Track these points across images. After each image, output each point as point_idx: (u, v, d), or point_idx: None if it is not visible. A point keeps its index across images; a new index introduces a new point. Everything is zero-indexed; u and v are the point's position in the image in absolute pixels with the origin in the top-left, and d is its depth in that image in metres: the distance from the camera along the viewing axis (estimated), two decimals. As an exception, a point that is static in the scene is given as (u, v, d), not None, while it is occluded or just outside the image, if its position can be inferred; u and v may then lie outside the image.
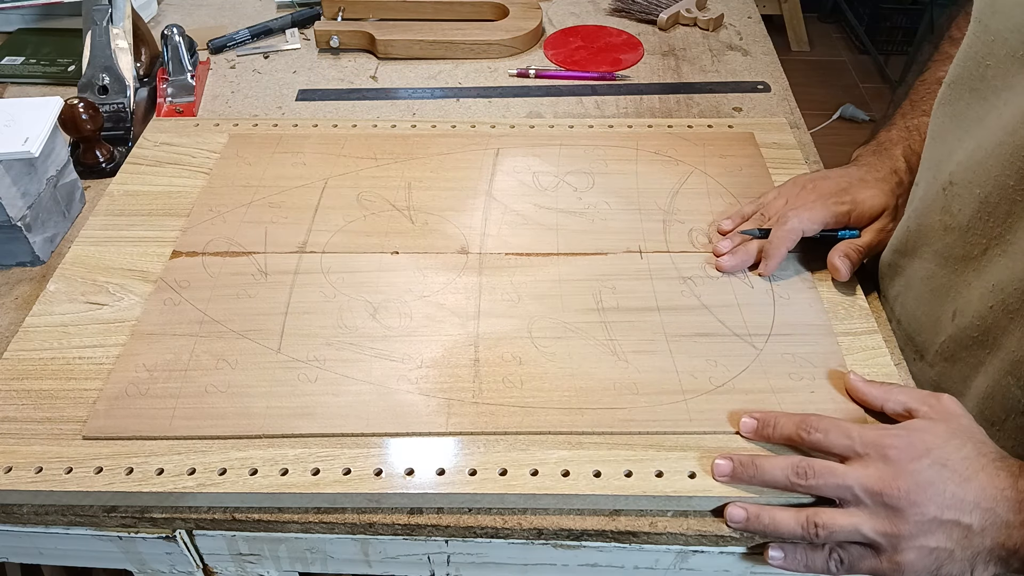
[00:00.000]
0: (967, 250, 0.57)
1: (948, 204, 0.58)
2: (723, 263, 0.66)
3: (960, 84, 0.57)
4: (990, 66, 0.53)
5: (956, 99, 0.57)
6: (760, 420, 0.54)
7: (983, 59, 0.54)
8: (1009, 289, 0.52)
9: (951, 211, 0.57)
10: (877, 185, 0.67)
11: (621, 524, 0.52)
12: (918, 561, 0.48)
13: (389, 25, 1.03)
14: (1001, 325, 0.54)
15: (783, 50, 2.61)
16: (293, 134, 0.82)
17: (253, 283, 0.66)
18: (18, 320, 0.64)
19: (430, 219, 0.72)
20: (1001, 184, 0.52)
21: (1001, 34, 0.52)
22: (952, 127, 0.58)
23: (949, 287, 0.59)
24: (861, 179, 0.68)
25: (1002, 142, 0.51)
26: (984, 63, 0.54)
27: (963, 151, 0.56)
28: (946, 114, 0.59)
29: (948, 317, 0.59)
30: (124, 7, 0.90)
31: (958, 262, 0.58)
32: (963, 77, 0.56)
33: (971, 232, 0.56)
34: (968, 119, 0.56)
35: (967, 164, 0.55)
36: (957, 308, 0.58)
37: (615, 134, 0.83)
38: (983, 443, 0.50)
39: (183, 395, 0.57)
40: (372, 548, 0.57)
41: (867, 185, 0.67)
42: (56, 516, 0.54)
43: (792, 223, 0.65)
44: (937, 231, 0.59)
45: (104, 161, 0.81)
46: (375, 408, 0.56)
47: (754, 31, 1.06)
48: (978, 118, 0.55)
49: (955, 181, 0.57)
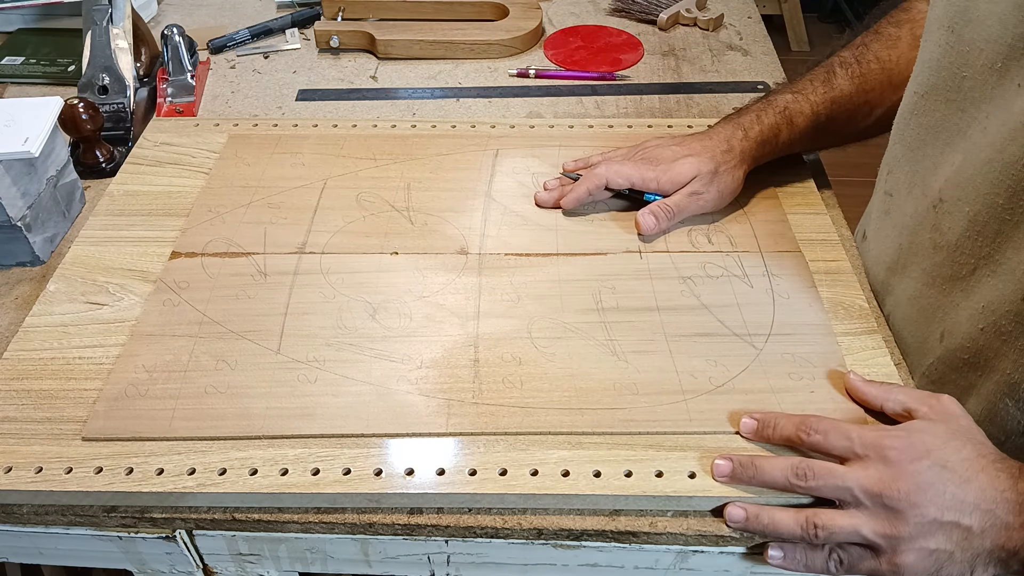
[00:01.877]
0: (955, 270, 0.56)
1: (938, 222, 0.57)
2: (538, 197, 0.73)
3: (934, 95, 0.56)
4: (967, 77, 0.53)
5: (930, 110, 0.57)
6: (760, 421, 0.54)
7: (958, 70, 0.53)
8: (1001, 311, 0.51)
9: (941, 229, 0.57)
10: (699, 153, 0.69)
11: (621, 524, 0.52)
12: (918, 562, 0.48)
13: (389, 25, 1.03)
14: (993, 347, 0.53)
15: (783, 50, 2.60)
16: (293, 134, 0.82)
17: (252, 284, 0.66)
18: (18, 320, 0.64)
19: (429, 220, 0.72)
20: (990, 202, 0.51)
21: (976, 44, 0.51)
22: (931, 139, 0.57)
23: (937, 307, 0.58)
24: (687, 149, 0.70)
25: (990, 159, 0.51)
26: (960, 74, 0.53)
27: (949, 166, 0.55)
28: (921, 125, 0.58)
29: (936, 338, 0.58)
30: (124, 7, 0.90)
31: (946, 282, 0.57)
32: (937, 87, 0.56)
33: (960, 251, 0.55)
34: (948, 131, 0.55)
35: (956, 181, 0.54)
36: (945, 329, 0.57)
37: (615, 134, 0.83)
38: (983, 444, 0.50)
39: (183, 396, 0.57)
40: (372, 548, 0.57)
41: (688, 153, 0.70)
42: (56, 516, 0.54)
43: (599, 170, 0.70)
44: (927, 249, 0.59)
45: (104, 161, 0.81)
46: (375, 409, 0.56)
47: (754, 31, 1.06)
48: (959, 130, 0.54)
49: (945, 198, 0.56)
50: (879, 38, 0.71)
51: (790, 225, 0.71)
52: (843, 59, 0.71)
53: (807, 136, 0.72)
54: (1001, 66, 0.50)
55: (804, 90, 0.71)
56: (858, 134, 0.73)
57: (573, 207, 0.71)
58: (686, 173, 0.69)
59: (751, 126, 0.70)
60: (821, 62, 0.73)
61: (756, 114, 0.71)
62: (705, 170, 0.69)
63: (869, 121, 0.72)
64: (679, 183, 0.69)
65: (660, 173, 0.69)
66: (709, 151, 0.69)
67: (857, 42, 0.72)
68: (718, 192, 0.69)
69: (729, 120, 0.72)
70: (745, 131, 0.70)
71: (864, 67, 0.70)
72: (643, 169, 0.70)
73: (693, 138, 0.72)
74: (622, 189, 0.71)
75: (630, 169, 0.70)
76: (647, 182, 0.70)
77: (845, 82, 0.70)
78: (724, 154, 0.69)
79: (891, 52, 0.70)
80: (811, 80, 0.72)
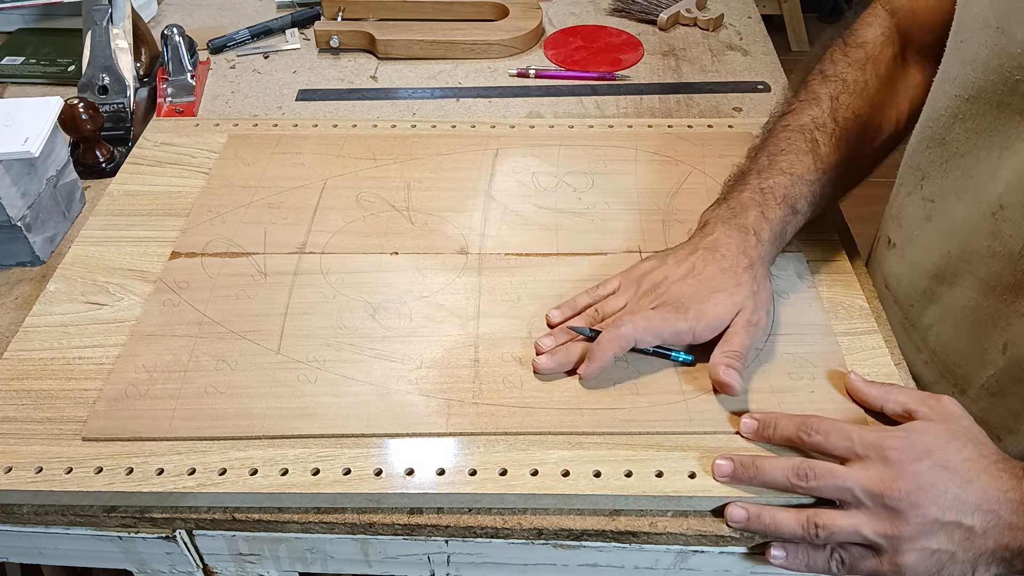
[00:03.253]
0: (1019, 278, 0.53)
1: (998, 229, 0.54)
2: (539, 363, 0.58)
3: (983, 99, 0.53)
4: (1021, 80, 0.50)
5: (979, 114, 0.54)
6: (760, 421, 0.54)
7: (1010, 72, 0.50)
8: None
9: (1001, 237, 0.54)
10: (729, 292, 0.58)
11: (621, 524, 0.52)
12: (919, 563, 0.48)
13: (389, 25, 1.03)
14: None
15: (783, 50, 2.60)
16: (293, 134, 0.82)
17: (252, 284, 0.66)
18: (18, 320, 0.64)
19: (430, 220, 0.72)
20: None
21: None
22: (984, 143, 0.54)
23: (998, 317, 0.55)
24: (711, 284, 0.58)
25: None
26: (1013, 77, 0.50)
27: (1011, 171, 0.52)
28: (970, 129, 0.55)
29: (998, 349, 0.56)
30: (124, 7, 0.90)
31: (1008, 291, 0.54)
32: (986, 91, 0.53)
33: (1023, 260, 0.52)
34: (1005, 135, 0.53)
35: (1018, 186, 0.52)
36: (1009, 339, 0.55)
37: (615, 134, 0.83)
38: (984, 444, 0.50)
39: (183, 396, 0.57)
40: (372, 548, 0.57)
41: (715, 294, 0.58)
42: (56, 516, 0.54)
43: (625, 329, 0.56)
44: (984, 257, 0.56)
45: (104, 161, 0.81)
46: (375, 409, 0.56)
47: (754, 31, 1.06)
48: (1019, 135, 0.52)
49: (1006, 205, 0.53)
50: (847, 88, 0.66)
51: (790, 225, 0.71)
52: (820, 123, 0.65)
53: (810, 217, 0.65)
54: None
55: (796, 171, 0.63)
56: (846, 191, 0.69)
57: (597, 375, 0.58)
58: (723, 316, 0.57)
59: (760, 228, 0.61)
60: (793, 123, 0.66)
61: (761, 211, 0.61)
62: (743, 301, 0.58)
63: (850, 183, 0.68)
64: (717, 328, 0.57)
65: (694, 322, 0.57)
66: (734, 277, 0.58)
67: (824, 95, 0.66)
68: (767, 312, 0.59)
69: (732, 222, 0.61)
70: (758, 237, 0.60)
71: (843, 125, 0.65)
72: (672, 320, 0.57)
73: (702, 257, 0.60)
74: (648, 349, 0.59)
75: (659, 327, 0.57)
76: (681, 336, 0.57)
77: (830, 150, 0.64)
78: (747, 271, 0.59)
79: (863, 103, 0.66)
80: (798, 153, 0.64)
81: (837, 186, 0.66)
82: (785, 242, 0.64)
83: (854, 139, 0.65)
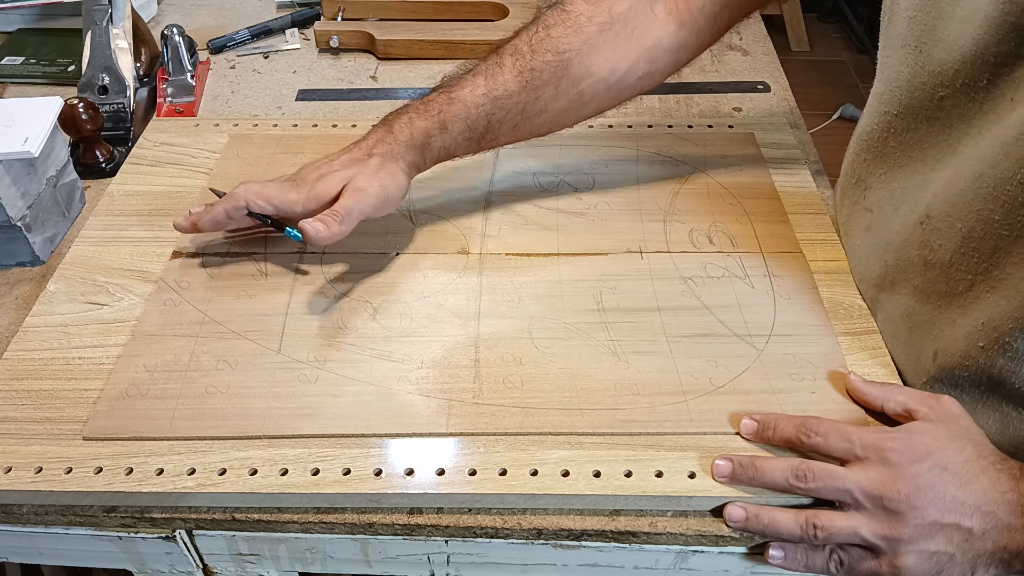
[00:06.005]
0: (951, 286, 0.54)
1: (927, 239, 0.55)
2: (176, 223, 0.66)
3: (910, 114, 0.55)
4: (945, 96, 0.52)
5: (910, 128, 0.56)
6: (760, 422, 0.54)
7: (933, 90, 0.52)
8: (1004, 327, 0.50)
9: (931, 246, 0.55)
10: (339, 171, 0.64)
11: (621, 524, 0.52)
12: (918, 565, 0.48)
13: (389, 25, 1.03)
14: (997, 365, 0.51)
15: (783, 50, 2.60)
16: (293, 134, 0.82)
17: (253, 284, 0.66)
18: (18, 320, 0.64)
19: (430, 220, 0.72)
20: (985, 218, 0.50)
21: (950, 65, 0.50)
22: (919, 156, 0.56)
23: (932, 324, 0.56)
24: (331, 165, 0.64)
25: (982, 174, 0.49)
26: (936, 94, 0.52)
27: (938, 182, 0.54)
28: (904, 143, 0.57)
29: (929, 356, 0.56)
30: (124, 7, 0.90)
31: (941, 298, 0.55)
32: (912, 107, 0.55)
33: (954, 268, 0.53)
34: (937, 148, 0.54)
35: (944, 196, 0.53)
36: (939, 347, 0.56)
37: (615, 134, 0.83)
38: (983, 445, 0.50)
39: (183, 396, 0.57)
40: (372, 548, 0.57)
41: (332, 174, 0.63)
42: (56, 516, 0.54)
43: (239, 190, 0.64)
44: (917, 266, 0.57)
45: (104, 161, 0.81)
46: (375, 409, 0.56)
47: (754, 31, 1.06)
48: (949, 147, 0.53)
49: (932, 215, 0.54)
50: (566, 19, 0.64)
51: (791, 226, 0.71)
52: (516, 48, 0.65)
53: (472, 139, 0.66)
54: (987, 83, 0.49)
55: (461, 90, 0.64)
56: (543, 127, 0.68)
57: (211, 229, 0.67)
58: (331, 189, 0.62)
59: (401, 131, 0.65)
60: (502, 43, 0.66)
61: (410, 116, 0.65)
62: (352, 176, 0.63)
63: (546, 118, 0.67)
64: (324, 200, 0.62)
65: (304, 194, 0.63)
66: (353, 163, 0.64)
67: (540, 22, 0.66)
68: (380, 185, 0.63)
69: (383, 123, 0.66)
70: (395, 137, 0.64)
71: (537, 59, 0.64)
72: (285, 191, 0.63)
73: (346, 148, 0.66)
74: (264, 216, 0.65)
75: (273, 191, 0.63)
76: (291, 205, 0.63)
77: (511, 78, 0.64)
78: (369, 158, 0.64)
79: (573, 39, 0.64)
80: (474, 75, 0.65)
81: (519, 116, 0.65)
82: (441, 156, 0.67)
83: (547, 75, 0.64)
